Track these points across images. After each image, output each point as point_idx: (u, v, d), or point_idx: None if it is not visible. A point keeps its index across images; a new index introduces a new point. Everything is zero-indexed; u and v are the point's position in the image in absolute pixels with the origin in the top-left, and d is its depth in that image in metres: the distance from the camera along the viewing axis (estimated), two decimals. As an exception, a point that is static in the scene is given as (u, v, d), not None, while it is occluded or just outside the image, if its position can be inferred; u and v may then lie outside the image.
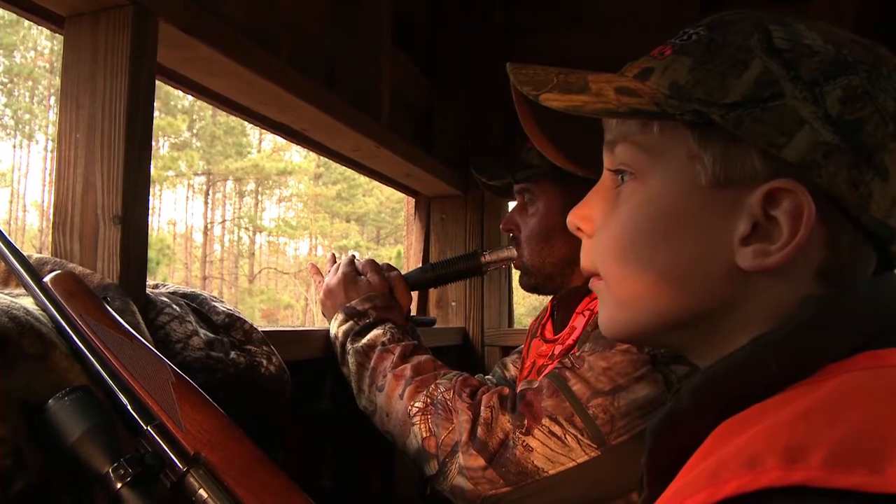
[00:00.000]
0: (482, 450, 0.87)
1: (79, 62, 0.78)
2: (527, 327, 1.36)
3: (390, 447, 1.00)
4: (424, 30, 1.81)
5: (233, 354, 0.80)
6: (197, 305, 0.84)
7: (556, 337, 1.10)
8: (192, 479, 0.55)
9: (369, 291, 1.09)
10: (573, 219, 0.56)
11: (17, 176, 20.01)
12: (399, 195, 1.89)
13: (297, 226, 22.43)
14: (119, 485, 0.52)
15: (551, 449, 0.86)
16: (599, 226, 0.53)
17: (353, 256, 1.18)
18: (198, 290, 0.89)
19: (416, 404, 0.94)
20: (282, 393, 0.86)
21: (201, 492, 0.54)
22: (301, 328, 1.13)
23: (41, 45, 18.77)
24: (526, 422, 0.87)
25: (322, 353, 1.08)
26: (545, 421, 0.86)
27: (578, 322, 1.04)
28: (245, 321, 0.87)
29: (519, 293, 1.65)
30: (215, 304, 0.87)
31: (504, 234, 1.53)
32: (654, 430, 0.46)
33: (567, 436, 0.85)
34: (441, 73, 1.84)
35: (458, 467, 0.89)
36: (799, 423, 0.36)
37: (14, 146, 19.83)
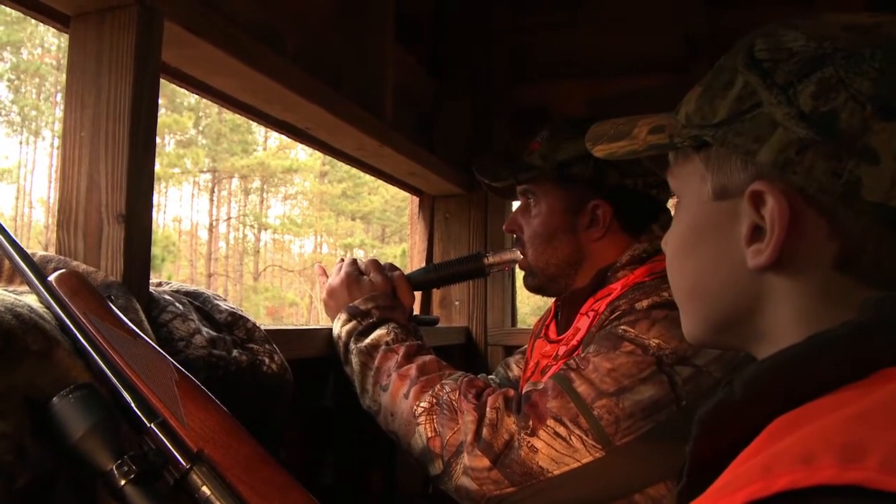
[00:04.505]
0: (487, 450, 0.87)
1: (84, 61, 0.78)
2: (530, 327, 1.36)
3: (392, 445, 1.01)
4: (429, 29, 1.81)
5: (235, 353, 0.80)
6: (200, 304, 0.84)
7: (560, 337, 1.09)
8: (195, 477, 0.55)
9: (372, 291, 1.09)
10: None
11: (24, 172, 20.09)
12: (404, 194, 1.89)
13: (303, 224, 22.44)
14: (123, 482, 0.53)
15: (556, 450, 0.86)
16: None
17: (355, 260, 1.18)
18: (201, 289, 0.89)
19: (422, 404, 0.94)
20: (283, 391, 0.86)
21: (204, 489, 0.55)
22: (303, 327, 1.13)
23: (48, 42, 18.83)
24: (531, 423, 0.87)
25: (324, 352, 1.08)
26: (550, 422, 0.86)
27: (583, 323, 1.04)
28: (248, 319, 0.88)
29: (522, 293, 1.64)
30: (218, 302, 0.87)
31: (508, 235, 1.53)
32: (703, 419, 0.46)
33: (572, 437, 0.85)
34: (446, 73, 1.84)
35: (462, 467, 0.89)
36: (857, 423, 0.36)
37: (20, 143, 19.91)
